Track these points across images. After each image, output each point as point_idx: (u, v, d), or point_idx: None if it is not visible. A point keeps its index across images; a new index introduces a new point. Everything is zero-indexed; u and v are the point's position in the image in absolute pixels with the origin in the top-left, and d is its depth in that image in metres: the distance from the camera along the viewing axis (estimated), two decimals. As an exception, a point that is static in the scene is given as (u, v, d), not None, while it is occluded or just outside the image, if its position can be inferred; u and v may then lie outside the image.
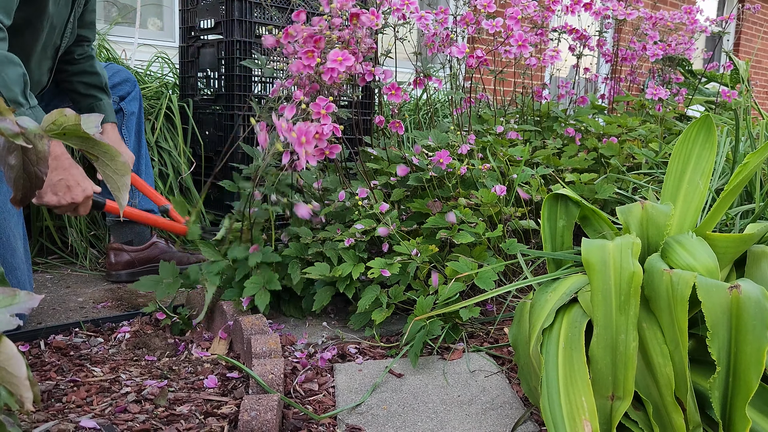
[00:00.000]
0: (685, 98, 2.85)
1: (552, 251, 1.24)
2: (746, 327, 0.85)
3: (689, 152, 1.20)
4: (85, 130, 0.83)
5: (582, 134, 2.25)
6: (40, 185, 0.81)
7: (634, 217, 1.12)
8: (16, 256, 1.42)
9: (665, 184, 1.20)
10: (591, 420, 0.85)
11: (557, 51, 2.18)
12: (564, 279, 1.07)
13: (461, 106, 2.25)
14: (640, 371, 0.94)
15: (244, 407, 1.00)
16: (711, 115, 1.21)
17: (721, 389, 0.87)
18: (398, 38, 1.93)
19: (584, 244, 1.00)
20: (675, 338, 0.90)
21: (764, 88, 7.88)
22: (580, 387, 0.88)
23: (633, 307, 0.91)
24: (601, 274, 0.95)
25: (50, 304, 1.59)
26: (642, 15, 2.60)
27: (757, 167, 1.14)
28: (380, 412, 1.11)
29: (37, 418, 1.02)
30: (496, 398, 1.17)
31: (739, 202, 1.57)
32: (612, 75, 2.82)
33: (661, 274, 0.92)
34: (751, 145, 1.70)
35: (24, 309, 0.67)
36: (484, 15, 1.90)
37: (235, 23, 1.99)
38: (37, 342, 1.35)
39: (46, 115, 0.82)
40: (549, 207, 1.26)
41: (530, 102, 2.46)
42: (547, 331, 0.96)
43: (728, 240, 1.05)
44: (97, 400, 1.10)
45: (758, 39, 7.66)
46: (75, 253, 1.99)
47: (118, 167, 0.90)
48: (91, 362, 1.26)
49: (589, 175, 1.86)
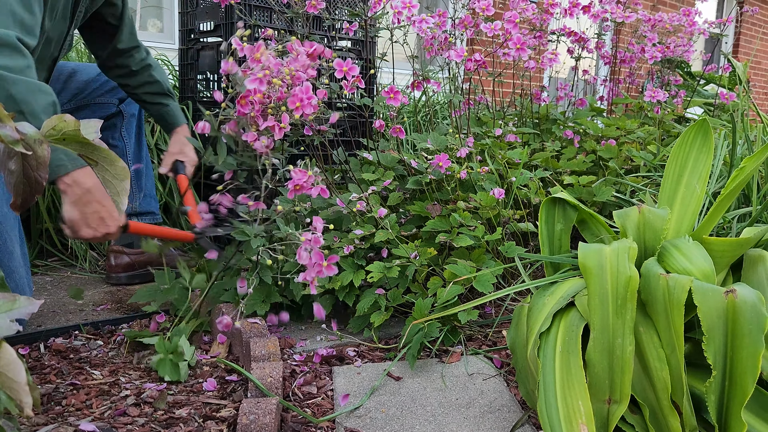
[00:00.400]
0: (684, 100, 2.85)
1: (550, 254, 1.24)
2: (742, 331, 0.85)
3: (686, 156, 1.20)
4: (84, 135, 0.83)
5: (581, 137, 2.25)
6: (40, 190, 0.81)
7: (631, 221, 1.13)
8: (14, 258, 1.42)
9: (662, 187, 1.21)
10: (588, 424, 0.86)
11: (556, 53, 2.19)
12: (561, 283, 1.07)
13: (460, 109, 2.25)
14: (637, 375, 0.94)
15: (243, 411, 1.01)
16: (708, 118, 1.22)
17: (717, 393, 0.87)
18: (395, 42, 1.94)
19: (581, 248, 1.00)
20: (671, 342, 0.90)
21: (763, 89, 7.89)
22: (577, 391, 0.88)
23: (630, 311, 0.92)
24: (598, 278, 0.95)
25: (50, 306, 1.59)
26: (641, 17, 2.61)
27: (754, 171, 1.14)
28: (378, 415, 1.12)
29: (37, 421, 1.03)
30: (494, 401, 1.17)
31: (737, 206, 1.57)
32: (611, 77, 2.82)
33: (658, 279, 0.93)
34: (749, 148, 1.70)
35: (24, 314, 0.67)
36: (483, 18, 1.91)
37: (235, 26, 2.00)
38: (36, 345, 1.35)
39: (46, 121, 0.82)
40: (547, 210, 1.26)
41: (529, 104, 2.46)
42: (545, 335, 0.97)
43: (725, 244, 1.06)
44: (97, 404, 1.11)
45: (757, 40, 7.67)
46: (75, 255, 2.00)
47: (117, 172, 0.90)
48: (90, 365, 1.26)
49: (587, 177, 1.86)
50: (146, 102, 1.79)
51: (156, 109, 1.78)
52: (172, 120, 1.80)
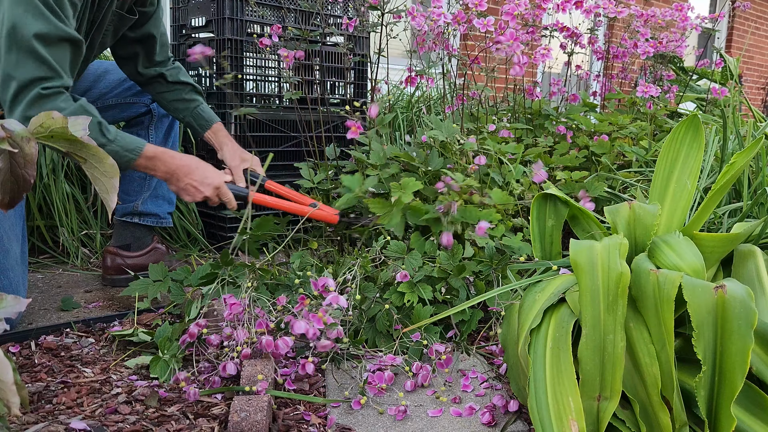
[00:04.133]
0: (676, 95, 2.86)
1: (541, 250, 1.24)
2: (731, 327, 0.85)
3: (677, 152, 1.20)
4: (72, 132, 0.83)
5: (573, 132, 2.25)
6: (27, 188, 0.81)
7: (622, 217, 1.13)
8: (10, 257, 1.41)
9: (653, 183, 1.21)
10: (578, 420, 0.86)
11: (548, 49, 2.18)
12: (552, 279, 1.07)
13: (453, 104, 2.25)
14: (627, 370, 0.94)
15: (234, 408, 1.00)
16: (699, 114, 1.22)
17: (707, 388, 0.87)
18: (392, 37, 1.93)
19: (572, 245, 1.00)
20: (661, 338, 0.90)
21: (755, 84, 7.92)
22: (567, 387, 0.89)
23: (621, 308, 0.92)
24: (589, 274, 0.95)
25: (41, 304, 1.58)
26: (633, 12, 2.61)
27: (745, 166, 1.15)
28: (370, 411, 1.12)
29: (27, 420, 1.02)
30: (485, 397, 1.18)
31: (728, 201, 1.58)
32: (603, 72, 2.83)
33: (648, 275, 0.93)
34: (739, 143, 1.71)
35: (10, 313, 0.67)
36: (476, 13, 1.90)
37: (227, 21, 1.99)
38: (27, 343, 1.35)
39: (34, 118, 0.81)
40: (538, 207, 1.26)
41: (522, 100, 2.46)
42: (535, 332, 0.97)
43: (715, 239, 1.06)
44: (88, 402, 1.10)
45: (749, 35, 7.69)
46: (66, 252, 1.99)
47: (106, 169, 0.90)
48: (81, 363, 1.26)
49: (579, 173, 1.86)
50: (179, 109, 1.75)
51: (192, 107, 1.74)
52: (209, 117, 1.76)
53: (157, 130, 1.80)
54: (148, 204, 1.79)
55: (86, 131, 0.85)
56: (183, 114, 1.74)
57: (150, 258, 1.79)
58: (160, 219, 1.83)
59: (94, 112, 1.37)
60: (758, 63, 7.95)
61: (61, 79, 1.31)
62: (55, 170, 2.00)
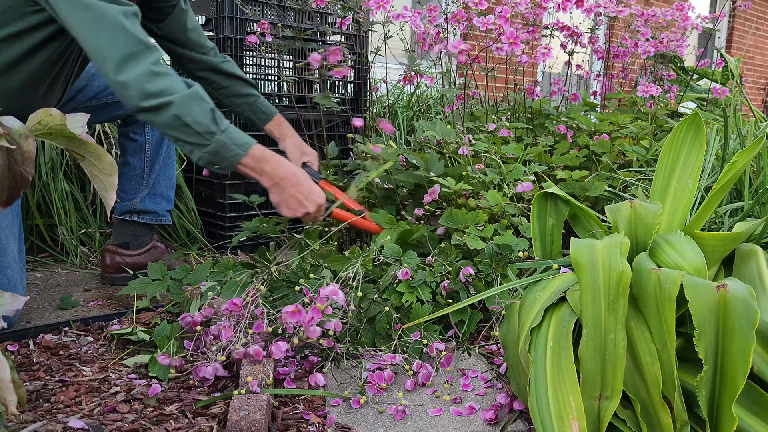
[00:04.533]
0: (677, 95, 2.86)
1: (542, 249, 1.24)
2: (733, 326, 0.85)
3: (678, 151, 1.20)
4: (70, 129, 0.82)
5: (574, 131, 2.25)
6: (25, 185, 0.80)
7: (623, 216, 1.12)
8: (8, 254, 1.40)
9: (654, 182, 1.21)
10: (579, 419, 0.85)
11: (549, 48, 2.18)
12: (553, 278, 1.07)
13: (453, 104, 2.25)
14: (628, 370, 0.94)
15: (233, 407, 1.00)
16: (700, 113, 1.21)
17: (708, 388, 0.87)
18: (390, 36, 1.93)
19: (573, 243, 1.00)
20: (663, 337, 0.90)
21: (756, 84, 7.91)
22: (568, 386, 0.88)
23: (622, 307, 0.92)
24: (590, 273, 0.95)
25: (40, 302, 1.58)
26: (634, 12, 2.60)
27: (746, 165, 1.14)
28: (370, 410, 1.11)
29: (25, 418, 1.02)
30: (485, 396, 1.17)
31: (729, 200, 1.58)
32: (604, 72, 2.82)
33: (649, 274, 0.93)
34: (741, 143, 1.70)
35: (8, 311, 0.67)
36: (476, 12, 1.90)
37: (226, 20, 1.99)
38: (26, 341, 1.34)
39: (32, 115, 0.81)
40: (539, 205, 1.26)
41: (522, 99, 2.46)
42: (536, 331, 0.96)
43: (716, 239, 1.05)
44: (86, 400, 1.10)
45: (750, 35, 7.69)
46: (65, 251, 1.98)
47: (104, 167, 0.89)
48: (80, 362, 1.25)
49: (580, 172, 1.86)
50: (237, 104, 1.72)
51: (250, 102, 1.71)
52: (268, 109, 1.72)
53: (153, 130, 1.78)
54: (147, 202, 1.78)
55: (84, 128, 0.85)
56: (242, 108, 1.71)
57: (149, 256, 1.78)
58: (159, 217, 1.81)
59: (207, 98, 1.32)
60: (758, 63, 7.95)
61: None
62: (54, 168, 1.99)
